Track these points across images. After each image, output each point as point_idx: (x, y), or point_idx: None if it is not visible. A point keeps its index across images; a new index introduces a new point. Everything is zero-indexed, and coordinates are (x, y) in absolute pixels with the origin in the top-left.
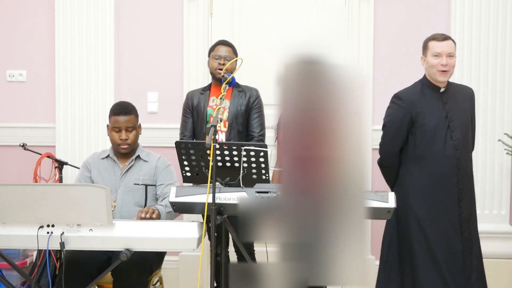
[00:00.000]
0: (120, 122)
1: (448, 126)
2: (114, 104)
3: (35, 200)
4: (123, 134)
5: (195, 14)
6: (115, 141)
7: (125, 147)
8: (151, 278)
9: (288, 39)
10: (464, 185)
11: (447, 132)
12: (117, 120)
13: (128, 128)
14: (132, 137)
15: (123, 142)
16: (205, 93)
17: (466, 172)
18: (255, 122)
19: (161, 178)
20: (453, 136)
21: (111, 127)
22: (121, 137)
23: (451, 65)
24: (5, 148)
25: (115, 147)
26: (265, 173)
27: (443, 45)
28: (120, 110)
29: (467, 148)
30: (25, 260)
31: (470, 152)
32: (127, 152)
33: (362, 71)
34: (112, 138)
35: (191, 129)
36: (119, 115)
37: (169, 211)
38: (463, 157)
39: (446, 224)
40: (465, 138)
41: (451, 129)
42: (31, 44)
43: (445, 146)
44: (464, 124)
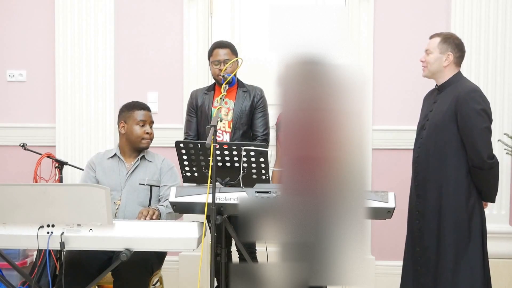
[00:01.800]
0: (146, 116)
1: (423, 126)
2: (131, 101)
3: (35, 200)
4: (148, 128)
5: (195, 14)
6: (139, 134)
7: (149, 141)
8: (151, 278)
9: (289, 39)
10: (420, 182)
11: (421, 131)
12: (142, 114)
13: (151, 123)
14: (153, 132)
15: (148, 136)
16: (210, 93)
17: (427, 170)
18: (259, 122)
19: (165, 180)
20: (422, 134)
21: (135, 121)
22: (147, 131)
23: (427, 61)
24: (5, 148)
25: (138, 141)
26: (265, 173)
27: (427, 43)
28: (143, 106)
29: (433, 148)
30: (25, 260)
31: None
32: (147, 146)
33: (362, 71)
34: (134, 132)
35: (195, 128)
36: (143, 109)
37: (169, 212)
38: (424, 155)
39: (409, 217)
40: (434, 138)
41: (424, 128)
42: (31, 44)
43: (415, 143)
44: (438, 124)
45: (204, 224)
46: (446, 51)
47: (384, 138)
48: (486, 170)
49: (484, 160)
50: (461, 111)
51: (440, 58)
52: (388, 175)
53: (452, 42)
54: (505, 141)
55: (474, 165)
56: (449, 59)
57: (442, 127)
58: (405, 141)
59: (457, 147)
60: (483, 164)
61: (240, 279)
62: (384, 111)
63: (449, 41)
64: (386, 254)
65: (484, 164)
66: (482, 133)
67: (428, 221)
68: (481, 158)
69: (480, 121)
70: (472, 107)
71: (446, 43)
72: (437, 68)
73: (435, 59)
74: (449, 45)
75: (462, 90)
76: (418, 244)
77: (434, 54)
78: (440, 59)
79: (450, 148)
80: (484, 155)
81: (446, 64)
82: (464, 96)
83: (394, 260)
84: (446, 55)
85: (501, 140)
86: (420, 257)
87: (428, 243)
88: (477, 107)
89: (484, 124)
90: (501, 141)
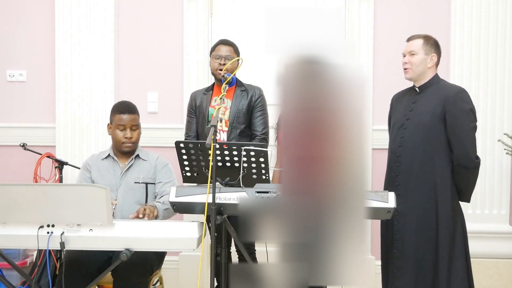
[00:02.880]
0: (125, 120)
1: (403, 125)
2: (117, 103)
3: (35, 200)
4: (128, 132)
5: (195, 14)
6: (119, 139)
7: (129, 145)
8: (151, 278)
9: (288, 39)
10: (400, 182)
11: (399, 130)
12: (122, 118)
13: (133, 127)
14: (136, 136)
15: (128, 141)
16: (208, 93)
17: (409, 170)
18: (257, 121)
19: (160, 176)
20: (403, 133)
21: (116, 124)
22: (126, 135)
23: (411, 62)
24: (5, 148)
25: (118, 145)
26: (265, 173)
27: (407, 45)
28: (125, 109)
29: (418, 147)
30: (25, 260)
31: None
32: (130, 150)
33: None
34: (115, 136)
35: (195, 129)
36: (124, 113)
37: (166, 208)
38: (407, 154)
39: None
40: (420, 137)
41: (404, 127)
42: (31, 44)
43: (394, 142)
44: (425, 124)
45: (204, 224)
46: (430, 52)
47: (384, 138)
48: (471, 170)
49: (471, 159)
50: (450, 111)
51: (425, 59)
52: None
53: (434, 43)
54: (505, 141)
55: (460, 164)
56: (433, 60)
57: (429, 127)
58: None
59: (443, 147)
60: (470, 163)
61: (240, 280)
62: (384, 111)
63: (431, 42)
64: None
65: (471, 163)
66: (470, 133)
67: (409, 221)
68: (468, 157)
69: (469, 120)
70: (461, 107)
71: (428, 44)
72: (422, 69)
73: (420, 60)
74: (432, 46)
75: (451, 91)
76: (396, 246)
77: (419, 56)
78: (425, 61)
79: (436, 148)
80: (471, 155)
81: (431, 65)
82: (454, 96)
83: None
84: (431, 56)
85: (501, 140)
86: (397, 259)
87: (409, 245)
88: (466, 107)
89: (472, 124)
90: (501, 141)
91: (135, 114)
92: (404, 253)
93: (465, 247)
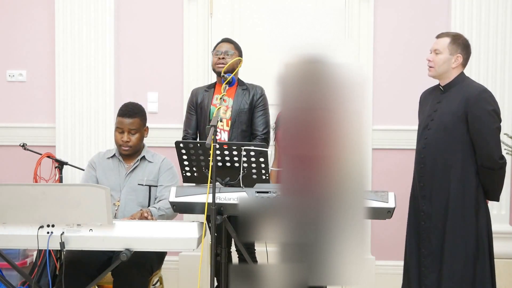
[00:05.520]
0: (123, 124)
1: (427, 125)
2: (123, 104)
3: (35, 200)
4: (125, 136)
5: (195, 14)
6: (117, 141)
7: (126, 149)
8: (151, 278)
9: (288, 38)
10: (426, 183)
11: (424, 131)
12: (121, 121)
13: (131, 131)
14: (134, 140)
15: (125, 144)
16: (210, 90)
17: (433, 171)
18: (259, 120)
19: (162, 179)
20: (427, 134)
21: (116, 127)
22: (123, 139)
23: (435, 61)
24: (5, 148)
25: (117, 147)
26: (265, 173)
27: (434, 42)
28: (125, 112)
29: (440, 148)
30: (25, 260)
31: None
32: (129, 154)
33: (362, 70)
34: (115, 138)
35: (194, 126)
36: (123, 116)
37: (162, 214)
38: (431, 156)
39: (411, 218)
40: (443, 138)
41: (428, 127)
42: (31, 44)
43: (419, 143)
44: (445, 125)
45: (204, 224)
46: (455, 53)
47: (384, 138)
48: (496, 170)
49: (495, 160)
50: (472, 111)
51: (450, 59)
52: (388, 175)
53: (462, 43)
54: (505, 141)
55: (485, 165)
56: (458, 60)
57: (451, 127)
58: (405, 141)
59: (466, 147)
60: (494, 164)
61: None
62: (384, 111)
63: (459, 42)
64: (386, 254)
65: (496, 164)
66: (493, 133)
67: (435, 222)
68: (492, 159)
69: (492, 121)
70: (483, 108)
71: (455, 44)
72: (445, 69)
73: (444, 60)
74: (459, 46)
75: (473, 91)
76: (424, 245)
77: (443, 55)
78: (449, 61)
79: (459, 148)
80: (495, 156)
81: (455, 65)
82: (476, 97)
83: (394, 260)
84: (455, 56)
85: (501, 140)
86: (425, 258)
87: (436, 244)
88: (488, 108)
89: (495, 124)
90: (501, 141)
91: (135, 118)
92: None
93: (490, 246)
